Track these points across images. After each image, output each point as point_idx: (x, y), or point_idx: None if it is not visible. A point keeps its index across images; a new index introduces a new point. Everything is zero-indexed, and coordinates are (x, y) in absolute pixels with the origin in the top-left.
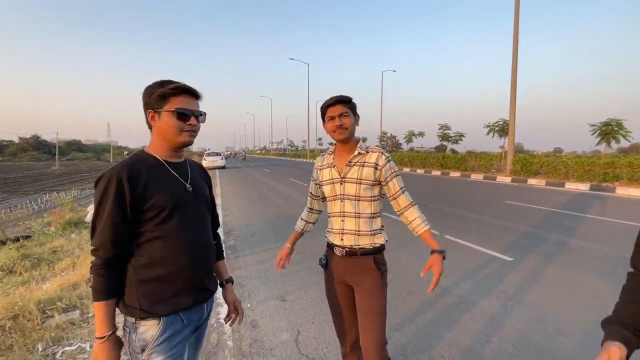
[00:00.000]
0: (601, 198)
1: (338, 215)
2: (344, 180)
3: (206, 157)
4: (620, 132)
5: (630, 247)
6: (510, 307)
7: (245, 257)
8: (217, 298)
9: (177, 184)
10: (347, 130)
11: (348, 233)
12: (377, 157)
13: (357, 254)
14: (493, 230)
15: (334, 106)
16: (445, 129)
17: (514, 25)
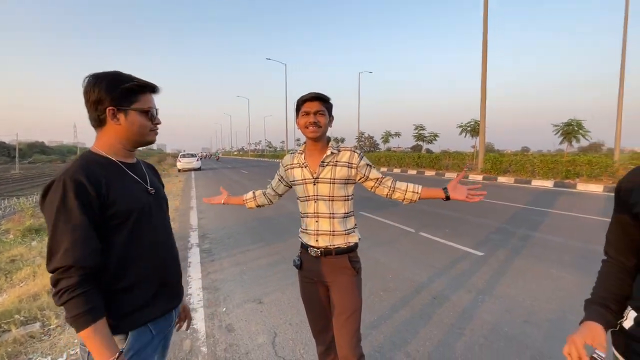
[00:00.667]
0: (564, 194)
1: (312, 216)
2: (317, 180)
3: (181, 158)
4: (580, 132)
5: (588, 239)
6: (481, 300)
7: (221, 260)
8: (191, 303)
9: (139, 186)
10: (321, 129)
11: (323, 234)
12: (350, 156)
13: (332, 254)
14: (465, 226)
15: (312, 102)
16: (420, 130)
17: (483, 29)
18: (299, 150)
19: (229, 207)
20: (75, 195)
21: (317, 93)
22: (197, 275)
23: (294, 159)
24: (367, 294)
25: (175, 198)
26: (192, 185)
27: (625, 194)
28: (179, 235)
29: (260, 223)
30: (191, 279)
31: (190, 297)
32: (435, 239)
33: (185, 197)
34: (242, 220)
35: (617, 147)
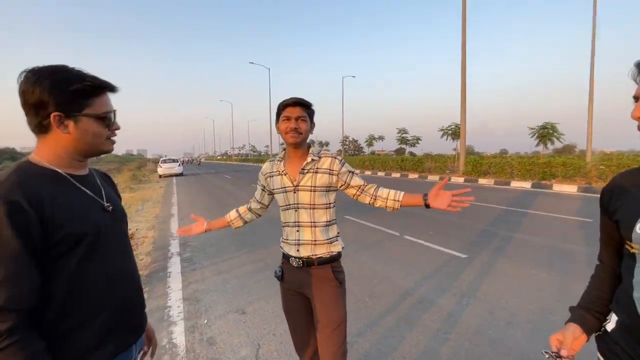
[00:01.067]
0: (541, 194)
1: (293, 226)
2: (297, 188)
3: (162, 164)
4: (555, 135)
5: (562, 238)
6: (465, 303)
7: (202, 269)
8: (170, 316)
9: (92, 204)
10: (302, 136)
11: (305, 243)
12: (331, 163)
13: (314, 264)
14: (448, 228)
15: (294, 107)
16: (403, 133)
17: (461, 36)
18: (278, 157)
19: (212, 215)
20: (9, 220)
21: (298, 98)
22: (177, 286)
23: (273, 166)
24: (353, 301)
25: (156, 205)
26: (174, 192)
27: (607, 200)
28: (159, 244)
29: (243, 229)
30: (171, 290)
31: (169, 309)
32: (419, 242)
33: (166, 204)
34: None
35: (588, 149)
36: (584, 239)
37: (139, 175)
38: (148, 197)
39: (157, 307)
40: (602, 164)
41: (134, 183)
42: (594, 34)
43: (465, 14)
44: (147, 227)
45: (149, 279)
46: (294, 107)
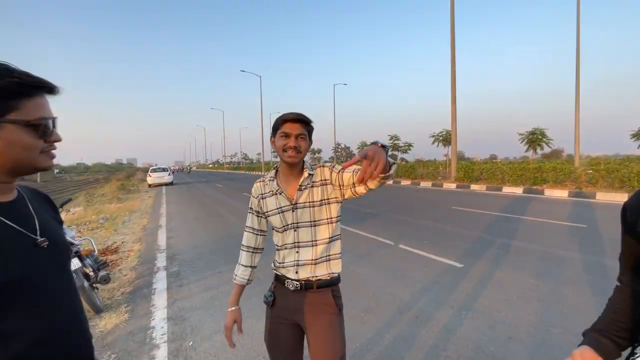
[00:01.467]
0: (533, 200)
1: (292, 247)
2: (295, 206)
3: (151, 173)
4: (544, 140)
5: (558, 245)
6: (464, 316)
7: (190, 285)
8: (153, 339)
9: (19, 240)
10: (301, 155)
11: (304, 264)
12: (321, 172)
13: (313, 287)
14: (443, 236)
15: (293, 124)
16: (395, 139)
17: (450, 45)
18: (269, 177)
19: (201, 224)
20: None
21: (299, 114)
22: (162, 304)
23: (264, 187)
24: (347, 317)
25: (144, 216)
26: (163, 202)
27: (629, 213)
28: (145, 258)
29: (234, 241)
30: (155, 309)
31: (152, 330)
32: (414, 252)
33: (154, 215)
34: (215, 238)
35: (576, 154)
36: (580, 245)
37: (128, 185)
38: (136, 208)
39: (139, 328)
40: (590, 168)
41: (122, 193)
42: (578, 42)
43: (454, 22)
44: (134, 239)
45: (132, 296)
46: (293, 124)
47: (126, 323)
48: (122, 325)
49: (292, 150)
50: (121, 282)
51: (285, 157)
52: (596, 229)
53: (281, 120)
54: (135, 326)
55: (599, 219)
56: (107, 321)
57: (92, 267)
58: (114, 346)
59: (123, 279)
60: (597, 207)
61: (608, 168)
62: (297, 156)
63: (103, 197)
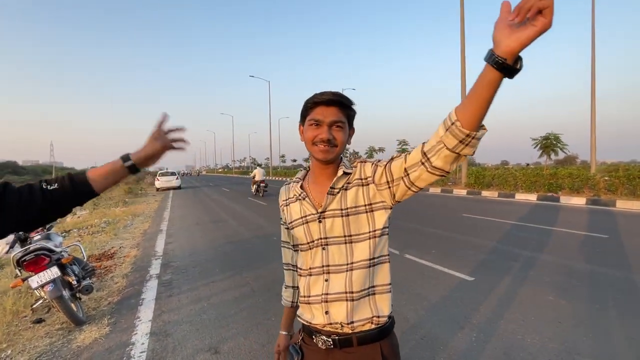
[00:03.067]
0: (548, 207)
1: (319, 273)
2: (323, 215)
3: (159, 177)
4: (558, 145)
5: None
6: (475, 338)
7: (180, 296)
8: (131, 357)
9: None
10: (336, 150)
11: (336, 300)
12: (361, 169)
13: (353, 343)
14: (452, 246)
15: (327, 107)
16: (403, 145)
17: (460, 49)
18: (296, 178)
19: (202, 229)
20: None
21: (335, 94)
22: (147, 317)
23: (289, 191)
24: None
25: (146, 220)
26: (168, 206)
27: None
28: (139, 265)
29: (233, 248)
30: (139, 322)
31: (132, 347)
32: (421, 262)
33: (157, 219)
34: (214, 244)
35: (592, 160)
36: (603, 258)
37: (136, 189)
38: (140, 212)
39: (118, 344)
40: (608, 175)
41: (129, 197)
42: (593, 47)
43: (464, 24)
44: (132, 244)
45: (118, 307)
46: (327, 107)
47: (106, 338)
48: (101, 340)
49: (325, 143)
50: (110, 290)
51: (315, 153)
52: (619, 240)
53: (311, 102)
54: (115, 342)
55: (621, 229)
56: (86, 335)
57: (76, 275)
58: None
59: (113, 287)
60: (618, 216)
61: (628, 175)
62: (331, 151)
63: (110, 200)
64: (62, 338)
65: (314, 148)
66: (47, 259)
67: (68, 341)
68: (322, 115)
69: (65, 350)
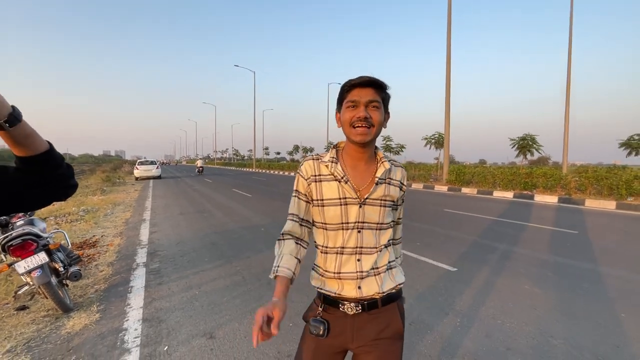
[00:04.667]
0: (523, 205)
1: (352, 252)
2: (365, 202)
3: (138, 165)
4: (534, 146)
5: (550, 250)
6: (460, 324)
7: (170, 284)
8: (124, 342)
9: None
10: (373, 130)
11: (367, 276)
12: (402, 175)
13: (378, 305)
14: (435, 239)
15: (363, 88)
16: (387, 140)
17: (446, 49)
18: (328, 157)
19: (187, 219)
20: None
21: (370, 77)
22: (138, 304)
23: (321, 168)
24: None
25: (127, 209)
26: (149, 195)
27: None
28: (124, 254)
29: (220, 237)
30: (130, 309)
31: (125, 333)
32: (407, 254)
33: (139, 209)
34: (201, 234)
35: (564, 161)
36: (572, 252)
37: (114, 177)
38: (120, 201)
39: (110, 331)
40: (578, 176)
41: (107, 185)
42: (570, 53)
43: (450, 23)
44: (114, 233)
45: (106, 294)
46: (363, 89)
47: (97, 324)
48: (92, 327)
49: (362, 122)
50: (96, 278)
51: (353, 136)
52: (587, 236)
53: (348, 85)
54: (107, 328)
55: (589, 226)
56: (75, 321)
57: (62, 262)
58: (80, 350)
59: (98, 275)
60: (586, 214)
61: (597, 176)
62: (369, 132)
63: (87, 188)
64: (50, 325)
65: (352, 131)
66: (35, 245)
67: (57, 327)
68: (358, 96)
69: (54, 336)
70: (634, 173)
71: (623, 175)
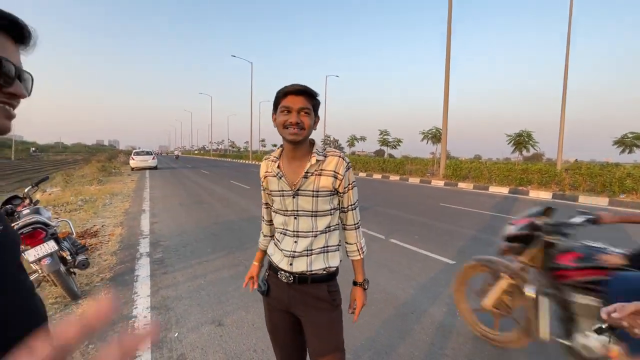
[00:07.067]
0: (518, 200)
1: (291, 235)
2: (297, 193)
3: (134, 156)
4: (530, 142)
5: None
6: (459, 313)
7: (175, 273)
8: (135, 329)
9: None
10: (304, 132)
11: (301, 255)
12: (337, 164)
13: (307, 281)
14: (433, 232)
15: (295, 96)
16: (385, 135)
17: (446, 44)
18: (273, 157)
19: (186, 210)
20: None
21: (302, 86)
22: (145, 292)
23: (268, 166)
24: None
25: (125, 199)
26: (146, 186)
27: None
28: (127, 243)
29: (221, 228)
30: (138, 297)
31: (135, 319)
32: (406, 246)
33: (137, 199)
34: (201, 225)
35: (559, 158)
36: None
37: (109, 167)
38: (117, 191)
39: (120, 317)
40: (572, 172)
41: (103, 175)
42: (568, 50)
43: (451, 16)
44: (115, 223)
45: (112, 282)
46: (296, 97)
47: None
48: None
49: (294, 126)
50: (101, 267)
51: (286, 135)
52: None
53: (282, 93)
54: (117, 315)
55: None
56: (84, 308)
57: (69, 250)
58: (91, 336)
59: (103, 264)
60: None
61: (590, 172)
62: (300, 133)
63: (83, 178)
64: (59, 311)
65: (285, 131)
66: (44, 233)
67: (66, 314)
68: (291, 103)
69: (64, 321)
70: (627, 170)
71: (616, 172)
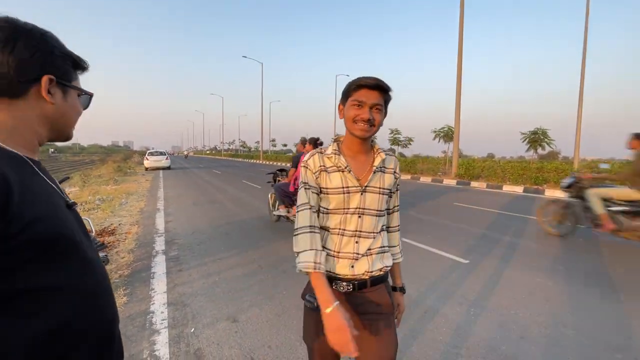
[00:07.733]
0: (534, 199)
1: (351, 235)
2: (365, 190)
3: (149, 156)
4: (545, 140)
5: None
6: (473, 313)
7: (190, 270)
8: (153, 324)
9: (59, 198)
10: (374, 129)
11: (363, 256)
12: (395, 164)
13: (367, 285)
14: (446, 232)
15: (370, 90)
16: (396, 134)
17: (458, 41)
18: (330, 150)
19: (200, 210)
20: None
21: (379, 80)
22: (161, 289)
23: (325, 160)
24: None
25: (141, 199)
26: (160, 185)
27: None
28: (142, 241)
29: (233, 227)
30: (155, 293)
31: (152, 315)
32: (419, 246)
33: (152, 199)
34: (214, 224)
35: (576, 156)
36: (583, 247)
37: (125, 168)
38: (133, 190)
39: (138, 313)
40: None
41: (118, 175)
42: (585, 47)
43: (463, 20)
44: (131, 222)
45: (130, 279)
46: (370, 91)
47: (125, 307)
48: (120, 309)
49: (365, 123)
50: (119, 264)
51: (355, 130)
52: (598, 232)
53: (355, 85)
54: (135, 310)
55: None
56: None
57: None
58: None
59: (121, 262)
60: None
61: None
62: (370, 130)
63: (99, 178)
64: None
65: (354, 126)
66: None
67: None
68: (365, 97)
69: None
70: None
71: None
